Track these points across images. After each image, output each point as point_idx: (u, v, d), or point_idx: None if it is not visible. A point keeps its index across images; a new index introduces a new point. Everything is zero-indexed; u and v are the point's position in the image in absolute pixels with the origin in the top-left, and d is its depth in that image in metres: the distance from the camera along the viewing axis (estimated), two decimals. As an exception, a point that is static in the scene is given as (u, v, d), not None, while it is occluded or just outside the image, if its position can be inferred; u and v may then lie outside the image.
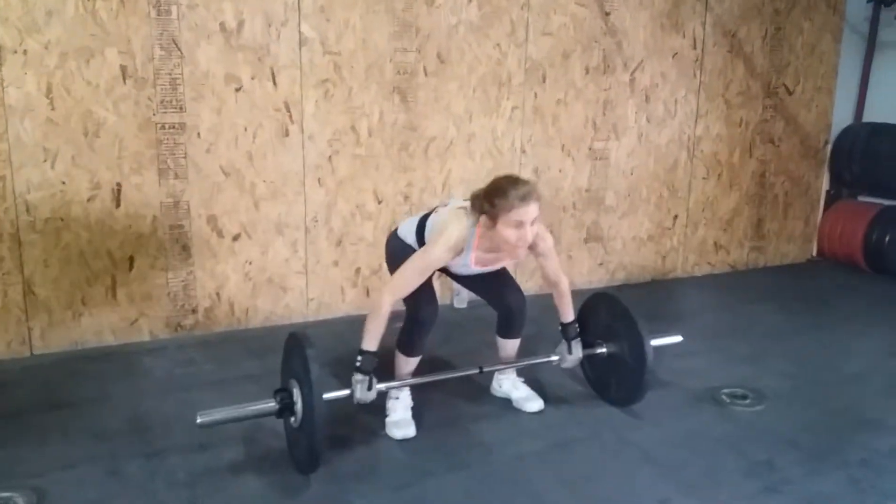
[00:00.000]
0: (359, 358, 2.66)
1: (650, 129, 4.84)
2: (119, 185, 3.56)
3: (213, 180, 3.74)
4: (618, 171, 4.81)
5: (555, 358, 3.12)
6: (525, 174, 4.45)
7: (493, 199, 2.57)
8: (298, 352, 2.51)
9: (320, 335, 3.89)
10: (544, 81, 4.40)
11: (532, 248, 2.75)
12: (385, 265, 4.30)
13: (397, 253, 2.92)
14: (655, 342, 3.03)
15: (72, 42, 3.36)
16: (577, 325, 3.08)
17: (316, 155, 3.94)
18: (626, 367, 3.03)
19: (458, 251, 2.69)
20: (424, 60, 4.08)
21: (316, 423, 2.37)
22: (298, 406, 2.50)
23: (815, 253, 5.78)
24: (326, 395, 2.49)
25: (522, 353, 3.22)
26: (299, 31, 3.77)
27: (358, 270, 4.19)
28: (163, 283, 3.74)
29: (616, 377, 3.11)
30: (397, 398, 2.96)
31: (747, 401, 3.21)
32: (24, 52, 3.29)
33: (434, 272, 2.81)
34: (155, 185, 3.63)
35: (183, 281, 3.79)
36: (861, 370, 3.63)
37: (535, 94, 4.39)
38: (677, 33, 4.76)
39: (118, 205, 3.58)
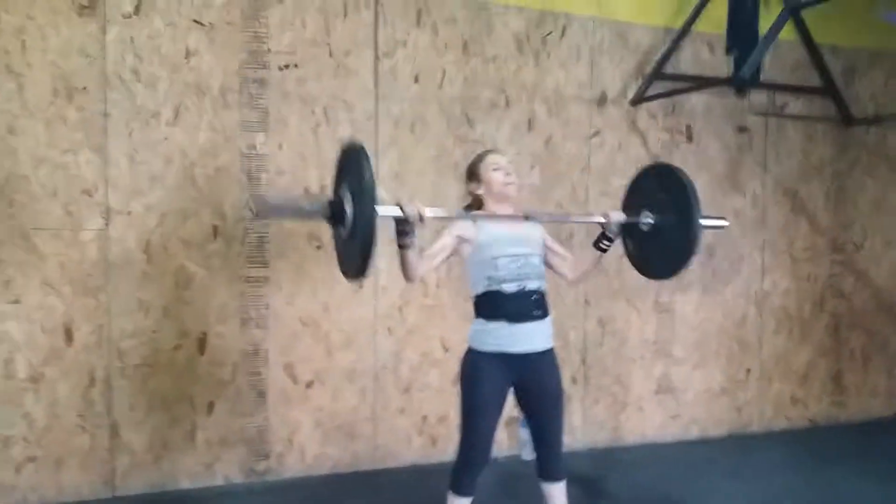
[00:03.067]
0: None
1: (715, 283, 4.89)
2: (204, 333, 3.82)
3: (291, 329, 3.97)
4: (685, 323, 4.83)
5: (602, 219, 3.01)
6: (589, 325, 4.55)
7: (470, 172, 3.02)
8: (354, 163, 2.55)
9: (385, 484, 3.94)
10: (607, 237, 4.56)
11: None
12: (450, 415, 4.32)
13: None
14: (705, 222, 2.90)
15: (171, 204, 3.75)
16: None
17: (387, 305, 4.15)
18: (670, 243, 2.94)
19: (466, 229, 2.87)
20: (491, 218, 4.32)
21: (367, 231, 2.42)
22: (349, 215, 2.52)
23: (901, 409, 5.52)
24: (379, 208, 2.48)
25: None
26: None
27: (425, 418, 4.25)
28: (239, 428, 3.89)
29: (658, 252, 3.02)
30: None
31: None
32: (129, 213, 3.68)
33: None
34: (237, 334, 3.87)
35: (258, 427, 3.93)
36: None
37: (599, 249, 4.54)
38: (737, 192, 4.91)
39: (202, 353, 3.82)
